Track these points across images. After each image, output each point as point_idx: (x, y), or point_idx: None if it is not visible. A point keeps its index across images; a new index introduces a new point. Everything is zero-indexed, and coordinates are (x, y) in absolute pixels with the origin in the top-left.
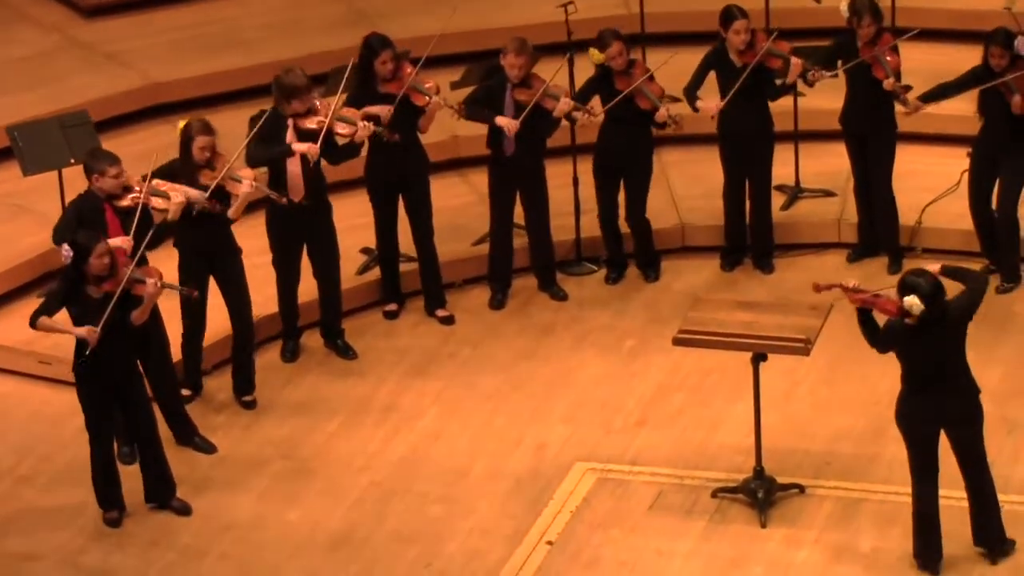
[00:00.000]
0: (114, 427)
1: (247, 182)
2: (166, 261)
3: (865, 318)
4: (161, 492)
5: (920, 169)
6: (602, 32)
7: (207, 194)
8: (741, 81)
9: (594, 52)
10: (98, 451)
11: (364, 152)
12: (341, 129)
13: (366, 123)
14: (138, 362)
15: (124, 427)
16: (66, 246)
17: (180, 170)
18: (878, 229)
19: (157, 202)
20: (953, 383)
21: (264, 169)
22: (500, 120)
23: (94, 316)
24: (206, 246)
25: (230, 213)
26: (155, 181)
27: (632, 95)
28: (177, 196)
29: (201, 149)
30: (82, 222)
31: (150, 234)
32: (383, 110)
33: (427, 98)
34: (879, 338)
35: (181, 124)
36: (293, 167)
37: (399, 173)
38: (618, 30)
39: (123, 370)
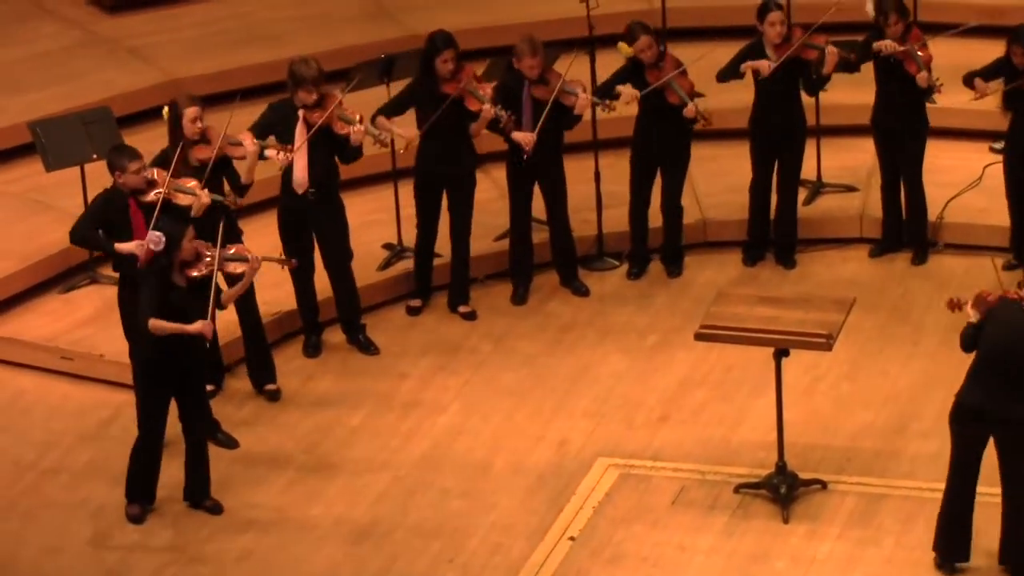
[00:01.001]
0: (165, 422)
1: (248, 141)
2: None
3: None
4: (199, 491)
5: (942, 164)
6: (631, 25)
7: (208, 172)
8: (779, 64)
9: (623, 46)
10: (147, 443)
11: (416, 145)
12: (340, 129)
13: (359, 127)
14: (204, 357)
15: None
16: (157, 235)
17: (174, 150)
18: (906, 222)
19: (181, 198)
20: (1019, 390)
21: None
22: (517, 135)
23: (181, 304)
24: (211, 232)
25: (243, 178)
26: (182, 179)
27: (662, 89)
28: (203, 198)
29: (192, 120)
30: (107, 218)
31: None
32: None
33: (481, 104)
34: (977, 323)
35: (165, 110)
36: (299, 158)
37: (449, 169)
38: (646, 23)
39: (191, 361)
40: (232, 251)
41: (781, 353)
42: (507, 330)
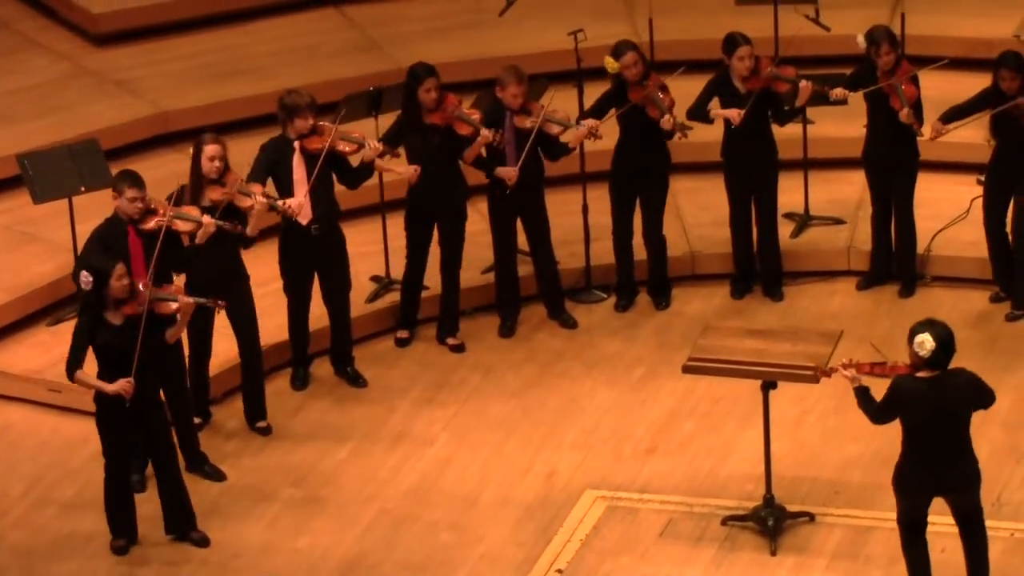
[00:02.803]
0: (130, 454)
1: (258, 196)
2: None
3: (864, 394)
4: (180, 522)
5: (929, 197)
6: (618, 43)
7: (217, 215)
8: (750, 106)
9: (609, 60)
10: (113, 477)
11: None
12: (344, 148)
13: (373, 143)
14: (159, 388)
15: (138, 454)
16: (84, 272)
17: (191, 186)
18: (896, 255)
19: (181, 225)
20: (956, 452)
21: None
22: (500, 171)
23: (119, 343)
24: (215, 270)
25: (248, 230)
26: (183, 207)
27: (643, 105)
28: (209, 227)
29: (211, 159)
30: (106, 248)
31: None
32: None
33: (472, 128)
34: (882, 404)
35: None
36: (300, 190)
37: (440, 201)
38: (633, 42)
39: (145, 396)
40: (163, 292)
41: (769, 385)
42: (495, 362)
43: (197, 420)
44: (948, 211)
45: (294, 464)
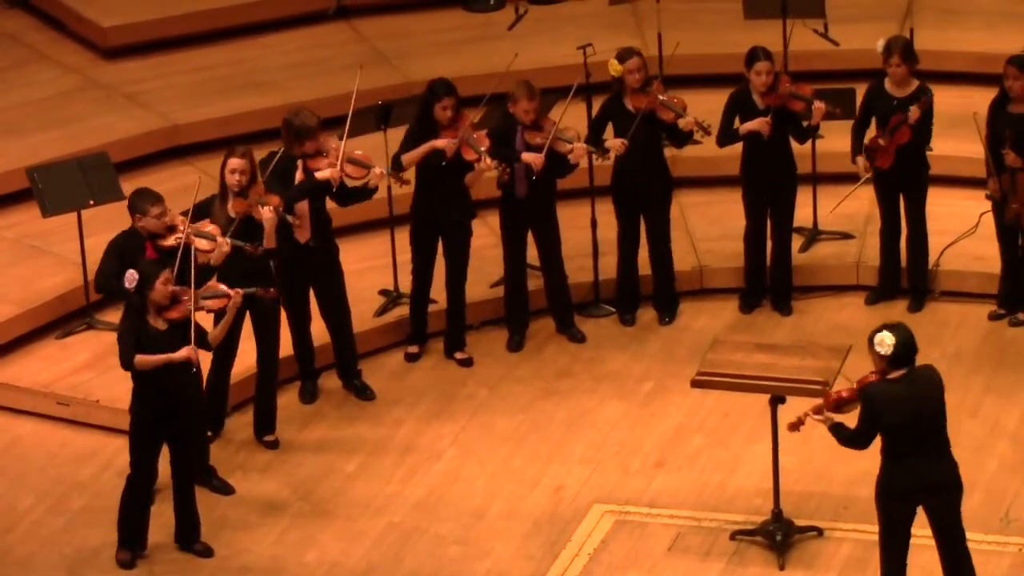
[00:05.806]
0: (155, 464)
1: (267, 209)
2: None
3: (839, 430)
4: (188, 534)
5: (939, 212)
6: (624, 48)
7: (235, 227)
8: (771, 118)
9: (613, 63)
10: (135, 490)
11: (411, 191)
12: (352, 173)
13: (380, 170)
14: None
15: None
16: (131, 272)
17: (219, 195)
18: (907, 268)
19: (201, 243)
20: (935, 454)
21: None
22: (526, 156)
23: (161, 349)
24: (245, 281)
25: (263, 243)
26: (200, 223)
27: (653, 111)
28: (223, 246)
29: (231, 172)
30: (124, 259)
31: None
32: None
33: (477, 155)
34: (861, 421)
35: None
36: (301, 205)
37: (445, 216)
38: (640, 51)
39: (183, 402)
40: (207, 290)
41: (777, 400)
42: (503, 376)
43: (208, 433)
44: (956, 226)
45: (302, 477)
